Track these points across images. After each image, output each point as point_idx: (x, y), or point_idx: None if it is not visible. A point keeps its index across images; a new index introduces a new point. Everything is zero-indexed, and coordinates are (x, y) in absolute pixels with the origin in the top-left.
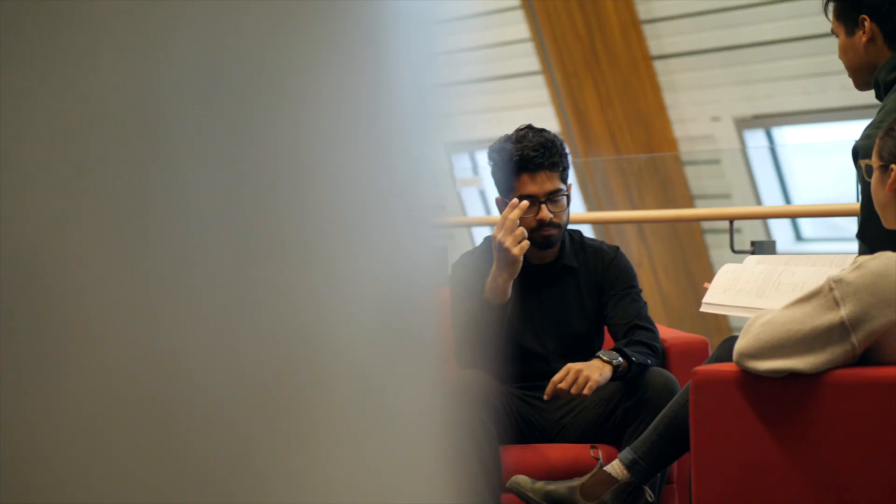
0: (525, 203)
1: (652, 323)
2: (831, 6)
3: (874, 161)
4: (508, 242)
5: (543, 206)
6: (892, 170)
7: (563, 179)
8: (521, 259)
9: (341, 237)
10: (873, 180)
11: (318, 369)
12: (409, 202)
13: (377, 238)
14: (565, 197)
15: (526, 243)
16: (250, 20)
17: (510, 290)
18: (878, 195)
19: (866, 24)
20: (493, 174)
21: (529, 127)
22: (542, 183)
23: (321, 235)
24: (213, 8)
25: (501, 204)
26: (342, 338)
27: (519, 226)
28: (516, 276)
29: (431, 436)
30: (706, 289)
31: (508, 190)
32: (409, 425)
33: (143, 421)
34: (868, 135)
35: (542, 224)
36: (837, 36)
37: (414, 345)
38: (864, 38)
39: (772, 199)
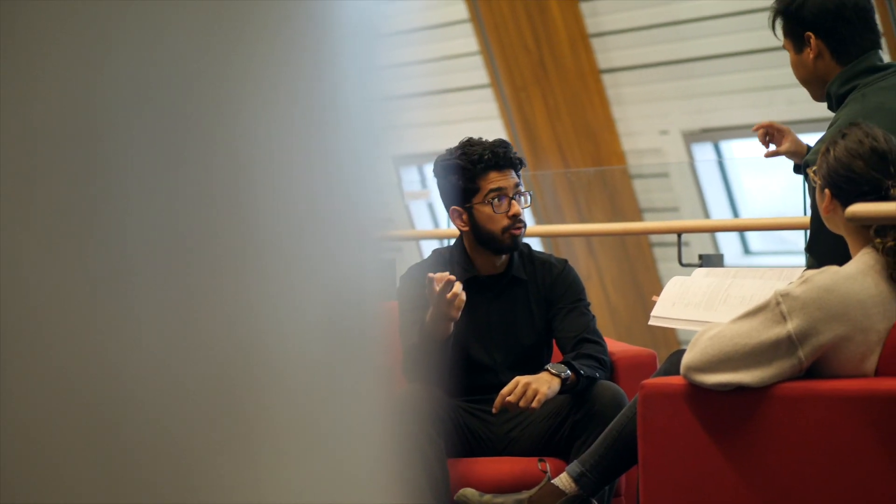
0: (452, 277)
1: (600, 336)
2: (778, 23)
3: (816, 178)
4: (445, 307)
5: (514, 201)
6: (826, 193)
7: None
8: (459, 314)
9: (286, 251)
10: (816, 195)
11: (261, 384)
12: (355, 215)
13: (323, 251)
14: (528, 195)
15: (462, 301)
16: (194, 32)
17: (452, 327)
18: (820, 207)
19: (812, 41)
20: (449, 184)
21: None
22: (509, 178)
23: (265, 249)
24: (156, 19)
25: (457, 215)
26: (286, 352)
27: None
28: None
29: (379, 449)
30: (654, 302)
31: (473, 192)
32: (355, 439)
33: (81, 434)
34: (817, 149)
35: (515, 219)
36: (788, 52)
37: (360, 358)
38: (811, 55)
39: (720, 212)
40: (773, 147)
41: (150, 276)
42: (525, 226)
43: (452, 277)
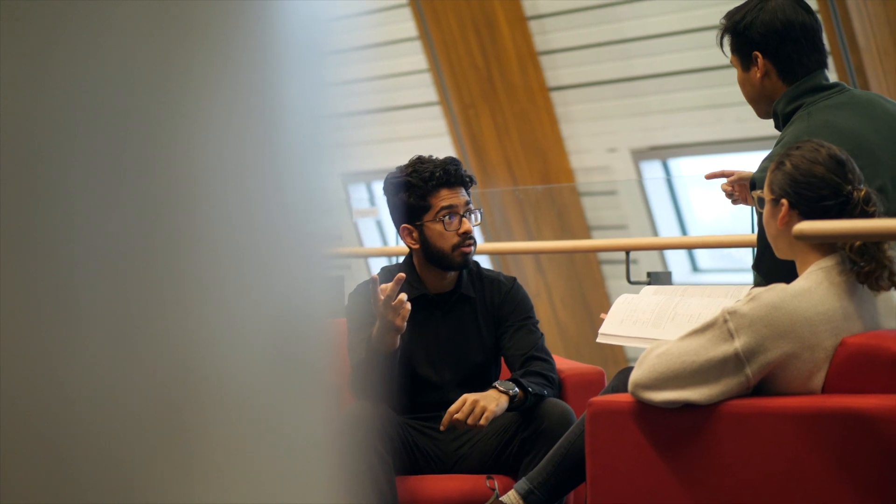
0: (402, 275)
1: (548, 354)
2: (727, 41)
3: (766, 194)
4: (390, 316)
5: (464, 218)
6: (782, 204)
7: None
8: (404, 324)
9: (231, 268)
10: (765, 212)
11: (205, 402)
12: (302, 233)
13: (269, 269)
14: (479, 212)
15: (406, 311)
16: (139, 50)
17: (398, 339)
18: (769, 227)
19: (759, 60)
20: (399, 201)
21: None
22: (460, 196)
23: (209, 267)
24: (100, 37)
25: (408, 232)
26: (230, 369)
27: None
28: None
29: (327, 467)
30: (603, 319)
31: (424, 210)
32: (302, 457)
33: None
34: (765, 167)
35: (466, 237)
36: (736, 70)
37: (306, 375)
38: (758, 74)
39: (668, 230)
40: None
41: (94, 295)
42: (475, 243)
43: (402, 275)
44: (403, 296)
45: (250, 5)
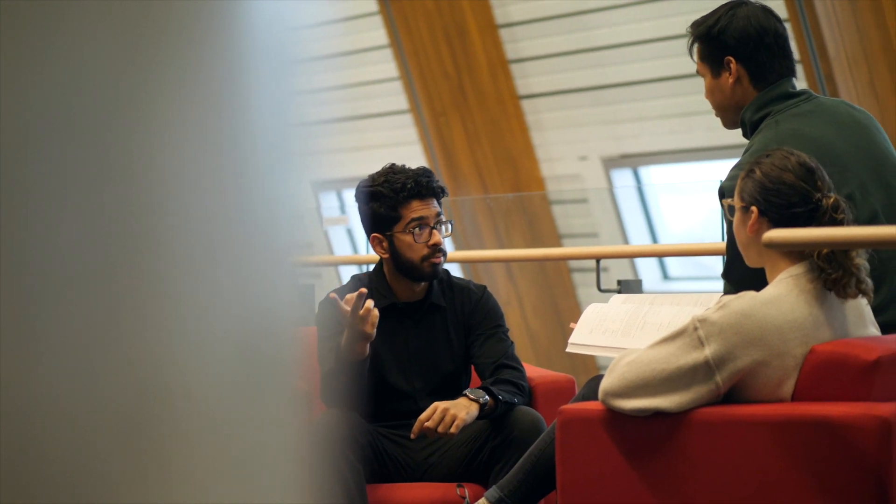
0: (363, 290)
1: (519, 362)
2: (696, 48)
3: (736, 201)
4: (360, 324)
5: (435, 230)
6: (752, 211)
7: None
8: (374, 331)
9: (200, 276)
10: (735, 220)
11: (173, 411)
12: (270, 240)
13: (238, 277)
14: (449, 224)
15: (375, 317)
16: (106, 58)
17: (368, 348)
18: (739, 235)
19: (732, 65)
20: (370, 210)
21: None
22: (431, 207)
23: (178, 275)
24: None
25: (378, 242)
26: (198, 377)
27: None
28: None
29: (297, 475)
30: (572, 329)
31: (395, 220)
32: (272, 465)
33: None
34: (733, 175)
35: (435, 249)
36: (704, 77)
37: (276, 384)
38: (730, 80)
39: (638, 238)
40: None
41: (59, 302)
42: (445, 255)
43: (364, 290)
44: (370, 303)
45: (219, 13)
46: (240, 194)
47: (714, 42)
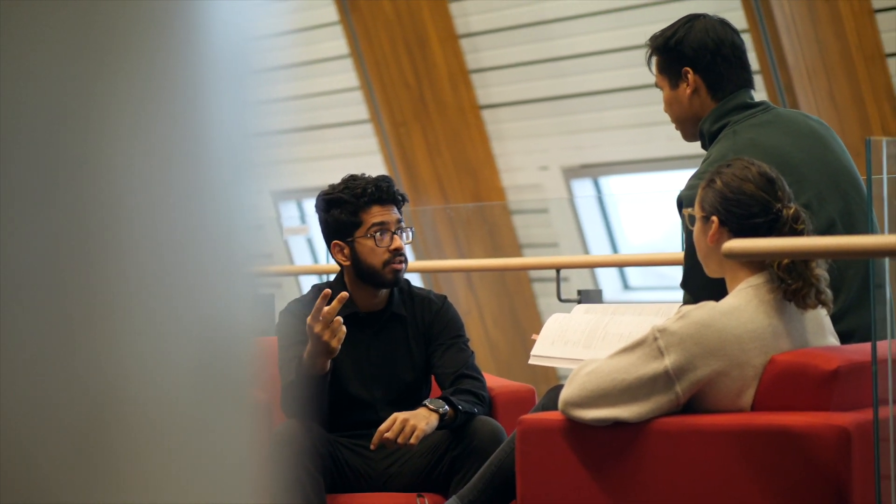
0: (344, 295)
1: (479, 372)
2: (654, 60)
3: (696, 211)
4: (326, 336)
5: (396, 235)
6: (713, 221)
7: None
8: (339, 346)
9: (156, 287)
10: (695, 230)
11: (129, 421)
12: (229, 251)
13: (196, 287)
14: (410, 230)
15: (343, 334)
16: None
17: (329, 363)
18: (700, 245)
19: (690, 76)
20: (331, 217)
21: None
22: (392, 213)
23: (134, 284)
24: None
25: (339, 249)
26: (155, 388)
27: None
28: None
29: (256, 486)
30: (534, 340)
31: (356, 226)
32: (231, 476)
33: None
34: (692, 185)
35: (397, 254)
36: (662, 89)
37: (234, 394)
38: (688, 91)
39: (599, 248)
40: None
41: (14, 312)
42: (406, 261)
43: (328, 291)
44: (339, 319)
45: (177, 23)
46: (198, 204)
47: (672, 53)
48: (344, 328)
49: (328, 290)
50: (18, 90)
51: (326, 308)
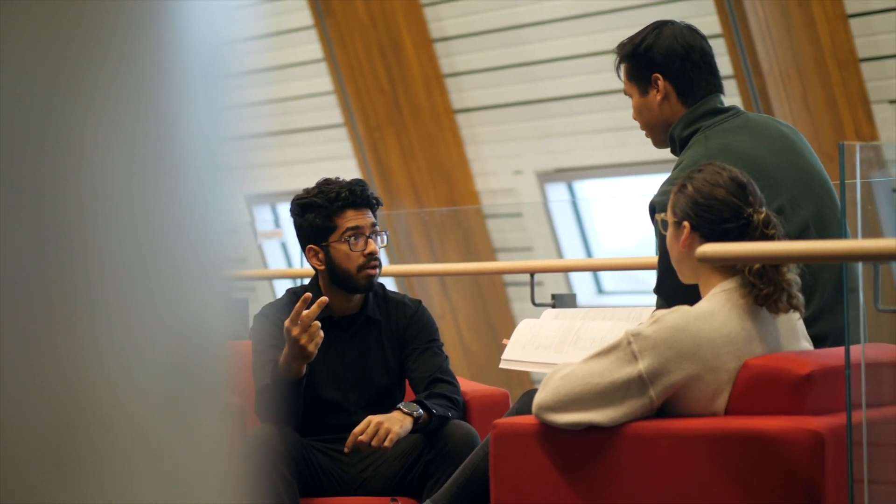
0: (324, 299)
1: (453, 376)
2: (623, 67)
3: (668, 216)
4: (304, 340)
5: (370, 239)
6: (684, 226)
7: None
8: (315, 351)
9: (128, 291)
10: (668, 235)
11: (100, 427)
12: (203, 255)
13: (167, 291)
14: (384, 234)
15: (320, 338)
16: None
17: (304, 367)
18: (673, 250)
19: (659, 82)
20: (306, 222)
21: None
22: (366, 217)
23: (106, 287)
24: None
25: (313, 253)
26: (129, 392)
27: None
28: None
29: (230, 490)
30: (506, 345)
31: (330, 231)
32: (204, 481)
33: None
34: (664, 190)
35: (371, 258)
36: (631, 97)
37: (206, 399)
38: (658, 97)
39: (573, 252)
40: None
41: None
42: (381, 265)
43: (309, 295)
44: (318, 323)
45: (150, 26)
46: (172, 208)
47: (641, 60)
48: (321, 333)
49: (308, 294)
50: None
51: (305, 312)
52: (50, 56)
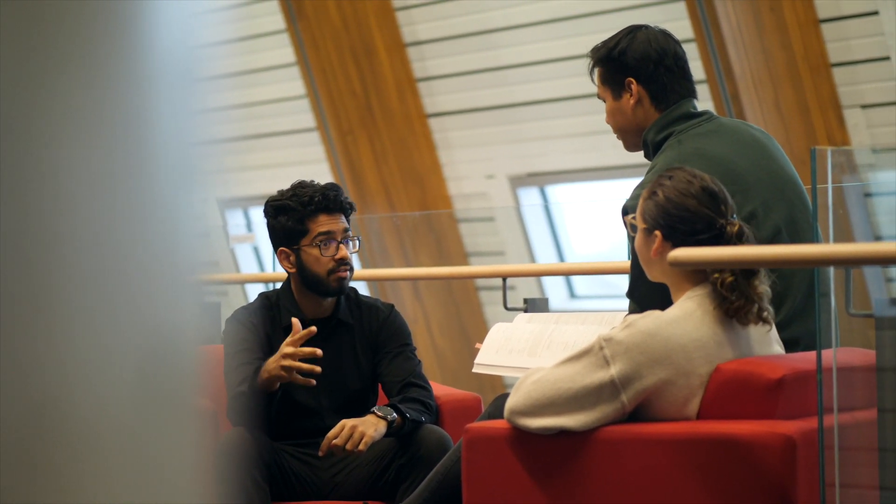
0: (313, 329)
1: (426, 381)
2: (597, 71)
3: (639, 222)
4: (293, 369)
5: (342, 245)
6: (656, 235)
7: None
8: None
9: (98, 293)
10: (637, 239)
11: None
12: (175, 259)
13: (141, 295)
14: (357, 240)
15: (307, 369)
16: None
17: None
18: (642, 253)
19: (633, 86)
20: (278, 224)
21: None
22: (338, 222)
23: (75, 291)
24: None
25: (285, 256)
26: (99, 396)
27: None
28: None
29: (202, 495)
30: (478, 349)
31: (302, 234)
32: (175, 485)
33: None
34: (637, 194)
35: (342, 263)
36: (604, 100)
37: (177, 402)
38: (631, 101)
39: (545, 256)
40: None
41: None
42: (352, 270)
43: (314, 329)
44: (312, 353)
45: (121, 30)
46: (143, 212)
47: (614, 64)
48: (306, 365)
49: (313, 328)
50: None
51: (307, 350)
52: (21, 61)
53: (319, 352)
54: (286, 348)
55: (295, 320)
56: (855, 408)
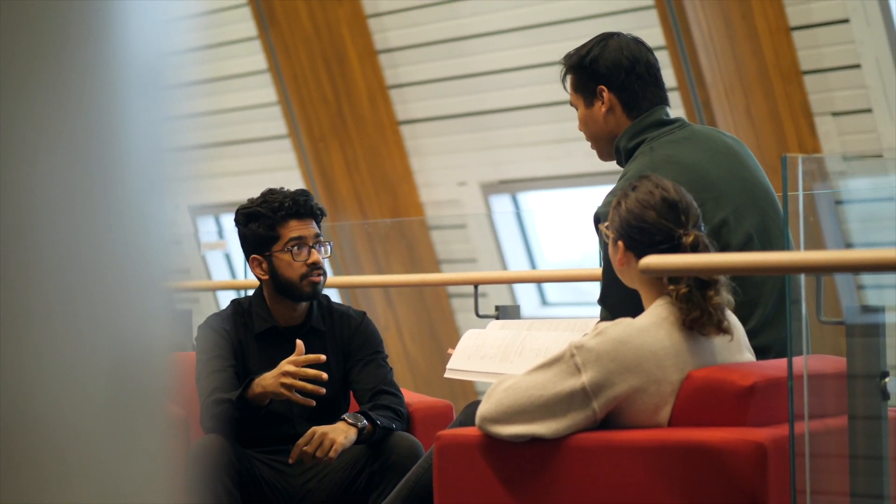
0: (321, 357)
1: (397, 388)
2: (569, 79)
3: (607, 231)
4: (289, 386)
5: (314, 249)
6: (619, 246)
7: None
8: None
9: (70, 300)
10: (609, 246)
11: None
12: (145, 266)
13: (110, 302)
14: (328, 245)
15: (300, 386)
16: None
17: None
18: (613, 262)
19: (605, 94)
20: (249, 231)
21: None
22: (309, 228)
23: (48, 298)
24: None
25: (257, 263)
26: (68, 403)
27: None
28: None
29: (172, 501)
30: (450, 354)
31: (273, 240)
32: (147, 491)
33: None
34: (608, 201)
35: (314, 267)
36: (577, 108)
37: (148, 409)
38: (603, 109)
39: (517, 263)
40: None
41: None
42: (325, 274)
43: (322, 357)
44: (323, 375)
45: (90, 36)
46: (114, 219)
47: (586, 71)
48: (311, 386)
49: (322, 357)
50: None
51: (312, 372)
52: None
53: (323, 357)
54: (287, 366)
55: (299, 342)
56: (826, 415)
